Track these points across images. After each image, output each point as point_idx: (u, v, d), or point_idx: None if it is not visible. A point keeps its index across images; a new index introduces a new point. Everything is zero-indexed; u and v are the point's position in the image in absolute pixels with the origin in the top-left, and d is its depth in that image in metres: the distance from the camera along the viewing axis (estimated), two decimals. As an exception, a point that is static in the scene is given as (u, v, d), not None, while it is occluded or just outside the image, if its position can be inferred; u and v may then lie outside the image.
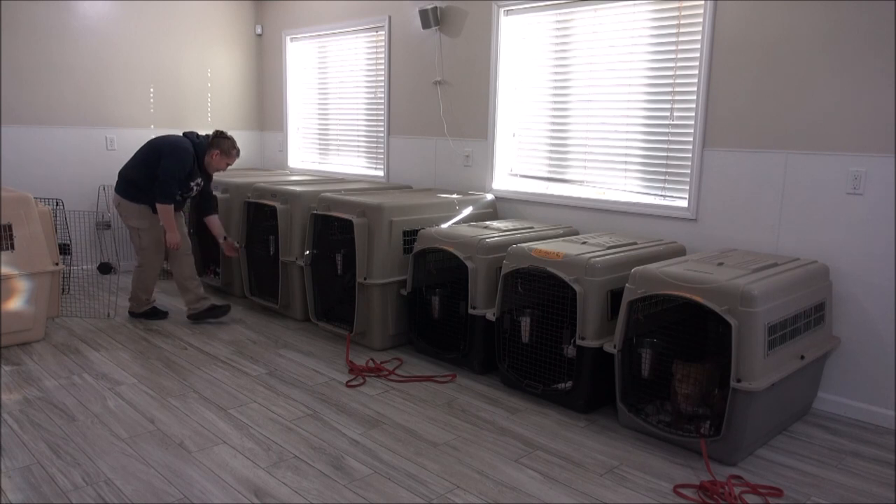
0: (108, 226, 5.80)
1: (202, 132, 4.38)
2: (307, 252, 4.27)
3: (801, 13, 3.27)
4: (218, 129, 4.64)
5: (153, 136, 4.32)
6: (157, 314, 4.54)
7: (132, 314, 4.53)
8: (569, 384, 3.24)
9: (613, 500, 2.48)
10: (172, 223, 4.16)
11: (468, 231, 3.83)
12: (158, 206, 4.11)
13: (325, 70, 6.08)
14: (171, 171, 4.07)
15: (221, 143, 4.23)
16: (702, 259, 3.16)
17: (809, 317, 3.03)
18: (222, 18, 6.35)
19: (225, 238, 4.51)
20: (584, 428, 3.08)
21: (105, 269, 5.76)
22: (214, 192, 4.90)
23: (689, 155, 3.74)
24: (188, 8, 6.10)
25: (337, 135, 6.06)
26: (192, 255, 4.42)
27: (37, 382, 3.39)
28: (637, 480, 2.63)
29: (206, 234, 4.83)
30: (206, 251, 5.36)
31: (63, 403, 3.16)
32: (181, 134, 4.26)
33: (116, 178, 4.26)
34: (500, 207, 4.66)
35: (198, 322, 4.46)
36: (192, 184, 4.25)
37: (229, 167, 4.43)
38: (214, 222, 4.49)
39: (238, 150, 4.33)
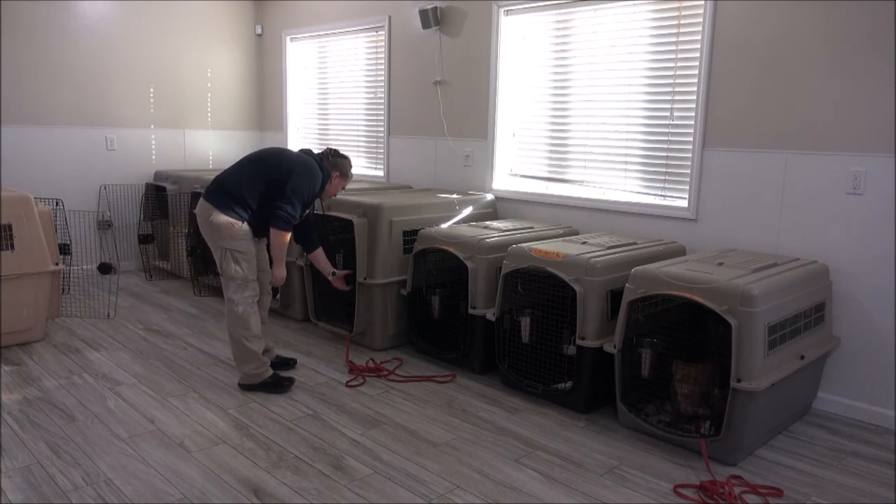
0: (108, 225, 5.80)
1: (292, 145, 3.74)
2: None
3: (801, 13, 3.27)
4: (330, 146, 3.73)
5: (263, 147, 3.65)
6: (287, 363, 3.69)
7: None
8: (569, 384, 3.24)
9: (613, 500, 2.48)
10: (284, 254, 3.37)
11: (468, 231, 3.83)
12: (274, 232, 3.28)
13: (325, 70, 6.08)
14: (301, 194, 3.30)
15: (341, 163, 3.54)
16: (702, 259, 3.16)
17: (809, 317, 3.03)
18: (222, 18, 6.35)
19: (334, 273, 3.78)
20: (584, 428, 3.08)
21: (105, 269, 5.76)
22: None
23: (689, 155, 3.73)
24: (188, 8, 6.10)
25: (337, 135, 6.06)
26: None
27: (37, 382, 3.39)
28: (637, 480, 2.63)
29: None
30: (210, 251, 5.30)
31: (63, 403, 3.16)
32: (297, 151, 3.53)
33: (211, 185, 3.37)
34: (500, 207, 4.66)
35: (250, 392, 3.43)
36: (308, 211, 3.54)
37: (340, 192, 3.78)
38: (320, 257, 3.72)
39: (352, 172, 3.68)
